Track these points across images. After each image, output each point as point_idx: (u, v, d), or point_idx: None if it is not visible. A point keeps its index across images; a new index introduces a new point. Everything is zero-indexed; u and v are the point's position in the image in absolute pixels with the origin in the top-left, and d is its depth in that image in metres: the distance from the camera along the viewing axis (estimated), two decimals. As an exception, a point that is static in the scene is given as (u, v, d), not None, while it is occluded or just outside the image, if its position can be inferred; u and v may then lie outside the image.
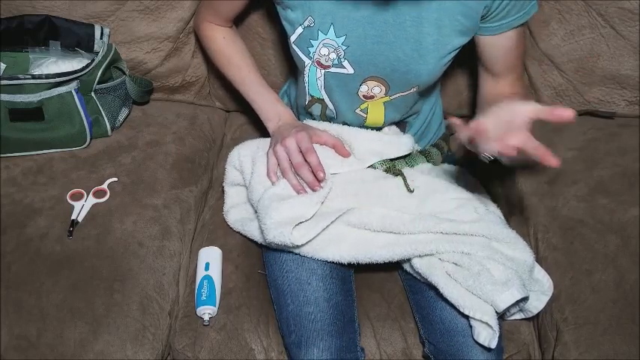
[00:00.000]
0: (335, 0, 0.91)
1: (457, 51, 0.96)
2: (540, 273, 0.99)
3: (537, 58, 1.26)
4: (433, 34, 0.92)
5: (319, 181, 0.97)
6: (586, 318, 0.96)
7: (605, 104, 1.28)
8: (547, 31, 1.23)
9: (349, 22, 0.93)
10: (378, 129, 1.09)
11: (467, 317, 0.93)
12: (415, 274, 0.99)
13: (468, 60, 1.05)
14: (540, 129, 1.26)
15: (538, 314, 1.02)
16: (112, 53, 1.19)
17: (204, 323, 1.00)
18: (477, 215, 0.96)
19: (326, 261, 0.97)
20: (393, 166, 1.05)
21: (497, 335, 0.88)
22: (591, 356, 0.93)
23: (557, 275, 1.01)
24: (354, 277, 1.05)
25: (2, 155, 1.16)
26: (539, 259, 1.06)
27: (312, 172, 0.97)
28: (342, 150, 1.03)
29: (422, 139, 1.17)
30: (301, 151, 0.98)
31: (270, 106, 1.08)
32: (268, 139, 1.08)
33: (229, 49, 1.12)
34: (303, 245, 0.95)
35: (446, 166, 1.13)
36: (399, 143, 1.06)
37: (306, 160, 0.97)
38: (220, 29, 1.12)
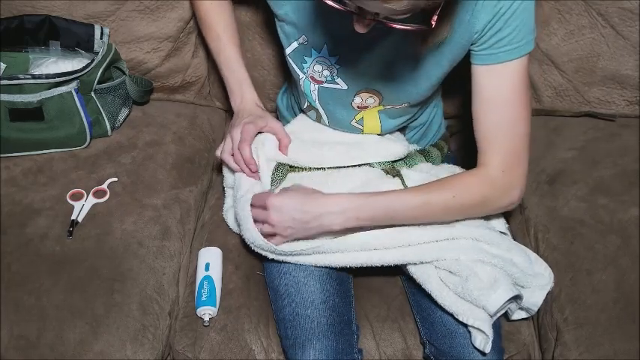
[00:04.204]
0: (328, 21, 0.90)
1: (447, 70, 0.94)
2: (542, 266, 0.99)
3: (537, 58, 1.26)
4: (417, 64, 0.91)
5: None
6: (586, 318, 0.96)
7: (605, 104, 1.28)
8: (547, 31, 1.23)
9: (342, 43, 0.92)
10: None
11: (467, 319, 0.93)
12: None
13: (468, 61, 1.05)
14: (541, 129, 1.28)
15: (538, 314, 1.02)
16: (111, 53, 1.19)
17: (205, 324, 1.00)
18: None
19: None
20: (391, 167, 1.04)
21: (491, 340, 0.88)
22: (591, 356, 0.93)
23: (557, 275, 1.01)
24: (354, 279, 1.05)
25: (2, 155, 1.16)
26: (539, 259, 1.06)
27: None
28: (283, 147, 1.02)
29: (422, 140, 1.17)
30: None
31: (236, 85, 1.08)
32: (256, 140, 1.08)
33: (213, 16, 1.10)
34: (290, 252, 0.95)
35: (445, 165, 1.13)
36: (390, 148, 1.05)
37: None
38: None
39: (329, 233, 0.93)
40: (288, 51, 0.98)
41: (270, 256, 0.98)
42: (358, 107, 1.01)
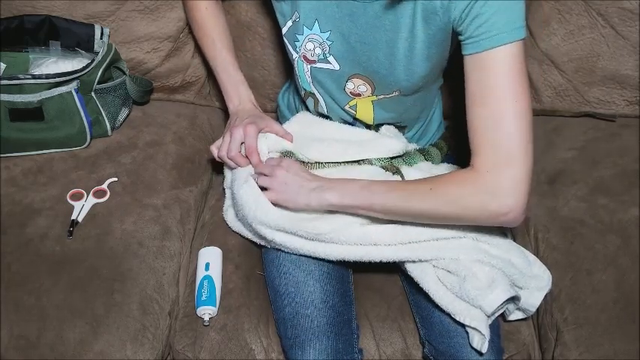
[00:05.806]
0: None
1: (434, 56, 0.92)
2: (541, 269, 0.99)
3: (537, 58, 1.26)
4: (404, 46, 0.90)
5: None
6: (586, 318, 0.96)
7: (605, 104, 1.28)
8: (547, 31, 1.23)
9: (333, 19, 0.92)
10: (376, 128, 1.09)
11: (465, 319, 0.93)
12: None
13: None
14: (541, 129, 1.28)
15: (538, 314, 1.01)
16: (112, 53, 1.20)
17: (205, 323, 1.00)
18: None
19: (323, 260, 0.98)
20: (390, 164, 1.05)
21: (487, 340, 0.88)
22: (591, 356, 0.93)
23: (557, 275, 1.01)
24: (354, 278, 1.05)
25: (2, 155, 1.16)
26: (539, 259, 1.05)
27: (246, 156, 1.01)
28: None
29: (421, 139, 1.17)
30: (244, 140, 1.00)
31: (233, 88, 1.10)
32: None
33: (208, 21, 1.13)
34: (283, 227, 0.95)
35: (445, 165, 1.13)
36: (388, 144, 1.05)
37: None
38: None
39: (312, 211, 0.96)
40: (284, 31, 0.99)
41: (269, 234, 0.97)
42: (351, 93, 1.02)
